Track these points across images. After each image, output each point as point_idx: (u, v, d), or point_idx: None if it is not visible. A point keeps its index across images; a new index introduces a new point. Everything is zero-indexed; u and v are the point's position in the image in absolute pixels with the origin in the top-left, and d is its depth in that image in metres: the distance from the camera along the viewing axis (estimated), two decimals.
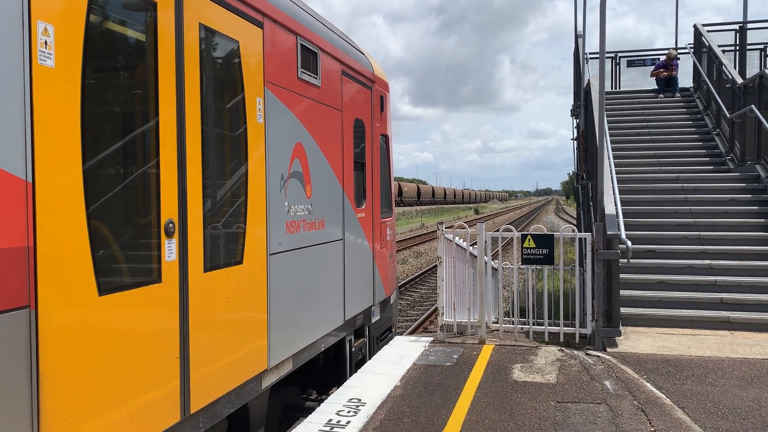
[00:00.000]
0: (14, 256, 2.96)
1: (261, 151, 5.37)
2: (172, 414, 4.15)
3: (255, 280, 5.25)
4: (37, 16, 3.10)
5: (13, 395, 2.97)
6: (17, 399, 2.99)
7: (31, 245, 3.05)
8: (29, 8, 3.06)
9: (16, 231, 2.98)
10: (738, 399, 6.24)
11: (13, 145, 2.97)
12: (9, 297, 2.94)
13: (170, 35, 4.14)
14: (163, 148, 4.07)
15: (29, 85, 3.05)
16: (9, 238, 2.95)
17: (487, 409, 5.97)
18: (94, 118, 3.51)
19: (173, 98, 4.18)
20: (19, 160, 2.99)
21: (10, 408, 2.96)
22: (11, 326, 2.95)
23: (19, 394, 2.99)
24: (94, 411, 3.46)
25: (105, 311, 3.54)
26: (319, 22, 6.90)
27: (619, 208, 9.75)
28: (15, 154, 2.98)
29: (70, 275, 3.29)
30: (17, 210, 2.98)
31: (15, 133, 2.98)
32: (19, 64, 3.01)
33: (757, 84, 12.55)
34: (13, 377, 2.97)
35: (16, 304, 2.97)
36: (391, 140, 9.74)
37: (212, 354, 4.60)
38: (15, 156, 2.98)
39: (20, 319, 2.99)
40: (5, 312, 2.93)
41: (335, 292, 7.16)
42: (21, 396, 3.00)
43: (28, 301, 3.03)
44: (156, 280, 3.98)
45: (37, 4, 3.10)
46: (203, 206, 4.48)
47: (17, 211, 2.98)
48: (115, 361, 3.62)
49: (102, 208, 3.57)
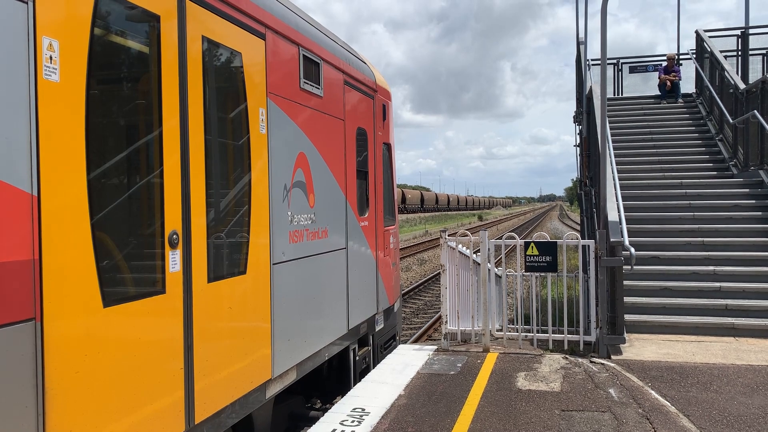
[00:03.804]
0: (20, 269, 2.99)
1: (264, 162, 5.40)
2: (177, 424, 4.16)
3: (258, 290, 5.26)
4: (42, 31, 3.14)
5: (19, 407, 2.99)
6: (23, 411, 3.01)
7: (37, 258, 3.08)
8: (35, 23, 3.09)
9: (22, 244, 3.01)
10: (743, 406, 6.21)
11: (19, 160, 3.00)
12: (15, 309, 2.96)
13: (173, 48, 4.18)
14: (167, 159, 4.10)
15: (34, 100, 3.09)
16: (15, 251, 2.97)
17: (492, 418, 5.96)
18: (98, 131, 3.55)
19: (177, 110, 4.21)
20: (24, 173, 3.03)
21: (16, 420, 2.98)
22: (17, 338, 2.97)
23: (24, 406, 3.01)
24: (100, 422, 3.48)
25: (110, 323, 3.56)
26: (321, 33, 6.95)
27: (622, 215, 9.75)
28: (21, 168, 3.01)
29: (75, 287, 3.31)
30: (23, 223, 3.01)
31: (20, 147, 3.02)
32: (25, 79, 3.04)
33: (760, 89, 12.54)
34: (19, 389, 2.99)
35: (21, 317, 2.99)
36: (394, 148, 9.77)
37: (216, 364, 4.61)
38: (21, 170, 3.01)
39: (26, 331, 3.02)
40: (11, 324, 2.95)
41: (339, 300, 7.16)
42: (27, 408, 3.02)
43: (33, 313, 3.05)
44: (160, 291, 4.00)
45: (43, 20, 3.14)
46: (207, 217, 4.50)
47: (23, 224, 3.01)
48: (120, 372, 3.64)
49: (106, 220, 3.59)
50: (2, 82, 2.94)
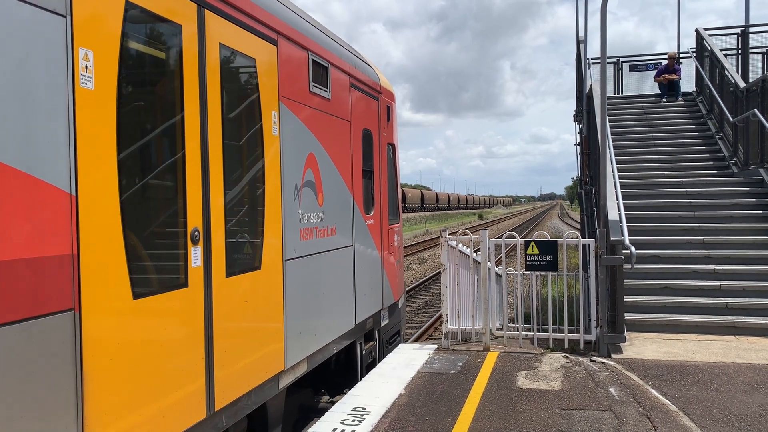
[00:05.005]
0: (62, 263, 3.23)
1: (276, 162, 5.63)
2: (199, 411, 4.39)
3: (272, 285, 5.50)
4: (79, 42, 3.38)
5: (60, 390, 3.23)
6: (64, 394, 3.25)
7: (75, 253, 3.32)
8: (72, 35, 3.34)
9: (63, 240, 3.25)
10: (744, 405, 6.21)
11: (60, 162, 3.26)
12: (57, 300, 3.21)
13: (194, 55, 4.42)
14: (189, 160, 4.33)
15: (72, 107, 3.33)
16: (57, 246, 3.22)
17: (492, 417, 5.96)
18: (127, 135, 3.78)
19: (197, 115, 4.45)
20: (64, 175, 3.27)
21: (58, 402, 3.22)
22: (60, 327, 3.22)
23: (65, 389, 3.25)
24: (130, 406, 3.71)
25: (138, 314, 3.80)
26: (329, 37, 7.18)
27: (622, 214, 9.75)
28: (61, 170, 3.26)
29: (108, 280, 3.55)
30: (64, 220, 3.26)
31: (61, 151, 3.27)
32: (64, 87, 3.29)
33: (760, 88, 12.54)
34: (61, 374, 3.23)
35: (63, 307, 3.24)
36: (398, 148, 9.97)
37: (234, 355, 4.85)
38: (61, 171, 3.26)
39: (67, 320, 3.26)
40: (55, 314, 3.19)
41: (346, 296, 7.38)
42: (67, 391, 3.27)
43: (73, 304, 3.30)
44: (183, 285, 4.23)
45: (80, 31, 3.38)
46: (225, 215, 4.74)
47: (64, 221, 3.26)
48: (148, 360, 3.87)
49: (135, 218, 3.83)
50: (45, 91, 3.18)
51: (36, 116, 3.13)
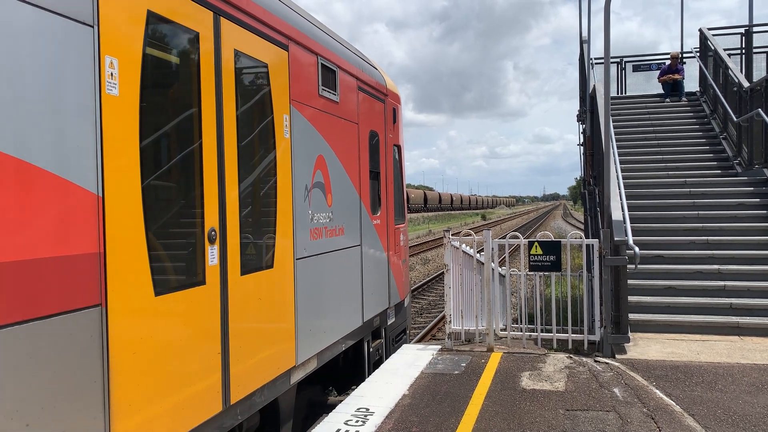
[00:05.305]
0: (90, 260, 3.40)
1: (288, 164, 5.80)
2: (215, 404, 4.56)
3: (284, 283, 5.68)
4: (105, 51, 3.55)
5: (89, 381, 3.40)
6: (92, 385, 3.43)
7: (102, 251, 3.49)
8: (99, 44, 3.51)
9: (91, 239, 3.43)
10: (748, 405, 6.19)
11: (88, 165, 3.42)
12: (86, 296, 3.38)
13: (210, 61, 4.59)
14: (206, 162, 4.50)
15: (99, 113, 3.50)
16: (86, 245, 3.39)
17: (496, 418, 5.96)
18: (149, 139, 3.95)
19: (214, 118, 4.61)
20: (92, 177, 3.45)
21: (88, 392, 3.39)
22: (88, 322, 3.39)
23: (93, 381, 3.43)
24: (153, 398, 3.88)
25: (160, 310, 3.96)
26: (337, 42, 7.33)
27: (626, 214, 9.74)
28: (89, 172, 3.43)
29: (132, 278, 3.72)
30: (91, 220, 3.43)
31: (89, 154, 3.43)
32: (92, 94, 3.46)
33: (764, 87, 12.51)
34: (89, 366, 3.41)
35: (91, 302, 3.41)
36: (403, 149, 10.10)
37: (249, 350, 5.02)
38: (89, 173, 3.43)
39: (94, 315, 3.44)
40: (83, 309, 3.37)
41: (354, 294, 7.54)
42: (95, 383, 3.44)
43: (100, 299, 3.47)
44: (201, 282, 4.41)
45: (106, 40, 3.55)
46: (240, 215, 4.91)
47: (91, 221, 3.43)
48: (168, 355, 4.03)
49: (157, 219, 4.00)
50: (75, 98, 3.34)
51: (66, 121, 3.28)
